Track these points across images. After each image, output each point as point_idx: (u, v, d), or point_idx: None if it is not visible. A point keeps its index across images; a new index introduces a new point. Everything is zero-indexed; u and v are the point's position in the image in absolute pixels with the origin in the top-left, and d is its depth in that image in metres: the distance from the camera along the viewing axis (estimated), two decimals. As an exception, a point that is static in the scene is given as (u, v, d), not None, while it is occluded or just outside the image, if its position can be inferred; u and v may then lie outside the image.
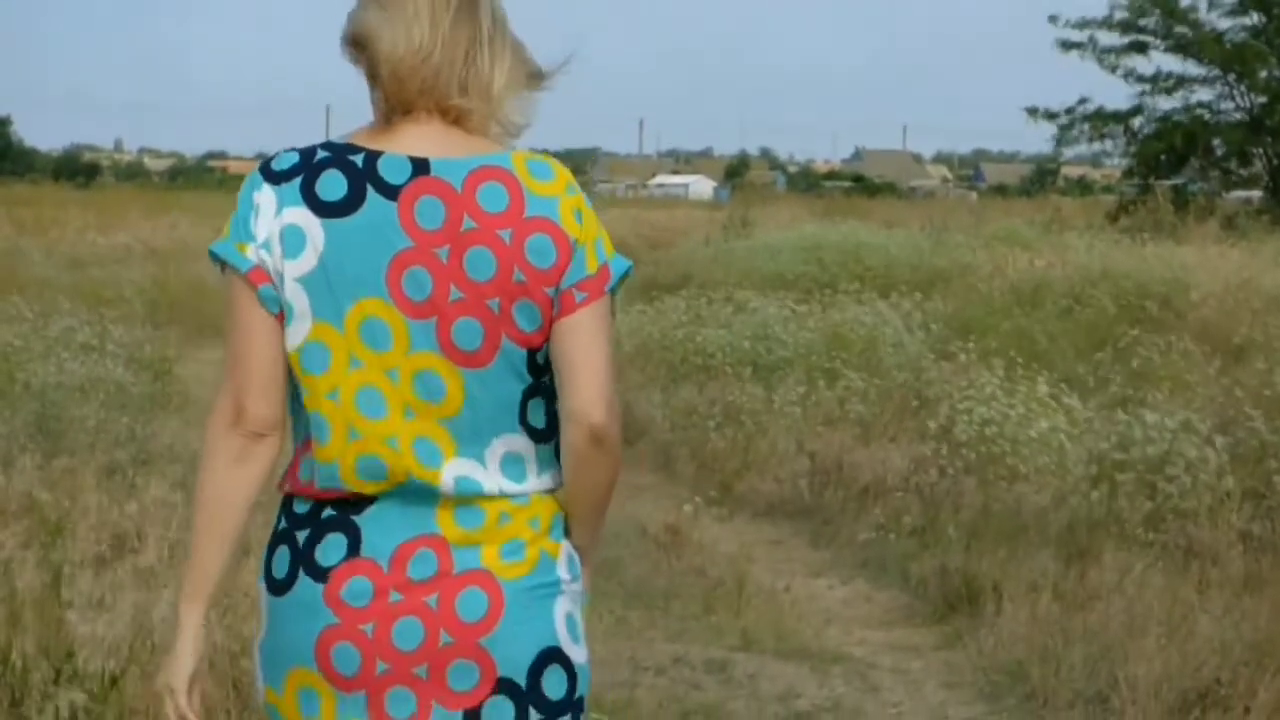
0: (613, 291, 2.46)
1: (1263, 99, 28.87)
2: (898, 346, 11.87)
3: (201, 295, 19.85)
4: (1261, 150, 29.45)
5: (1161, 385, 9.44)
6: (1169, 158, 29.48)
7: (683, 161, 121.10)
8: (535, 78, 2.54)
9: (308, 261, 2.39)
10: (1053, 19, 29.58)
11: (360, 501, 2.43)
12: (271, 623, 2.49)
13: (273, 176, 2.43)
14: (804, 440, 9.67)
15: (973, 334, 11.20)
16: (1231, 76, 29.03)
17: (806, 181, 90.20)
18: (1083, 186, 69.56)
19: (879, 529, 8.11)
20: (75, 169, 76.36)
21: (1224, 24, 29.29)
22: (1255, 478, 7.44)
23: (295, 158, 2.44)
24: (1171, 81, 29.46)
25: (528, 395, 2.46)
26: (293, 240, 2.39)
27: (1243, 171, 30.44)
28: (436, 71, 2.42)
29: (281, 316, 2.41)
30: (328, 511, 2.45)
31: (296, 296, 2.39)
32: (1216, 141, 29.69)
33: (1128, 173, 33.09)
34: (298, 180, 2.41)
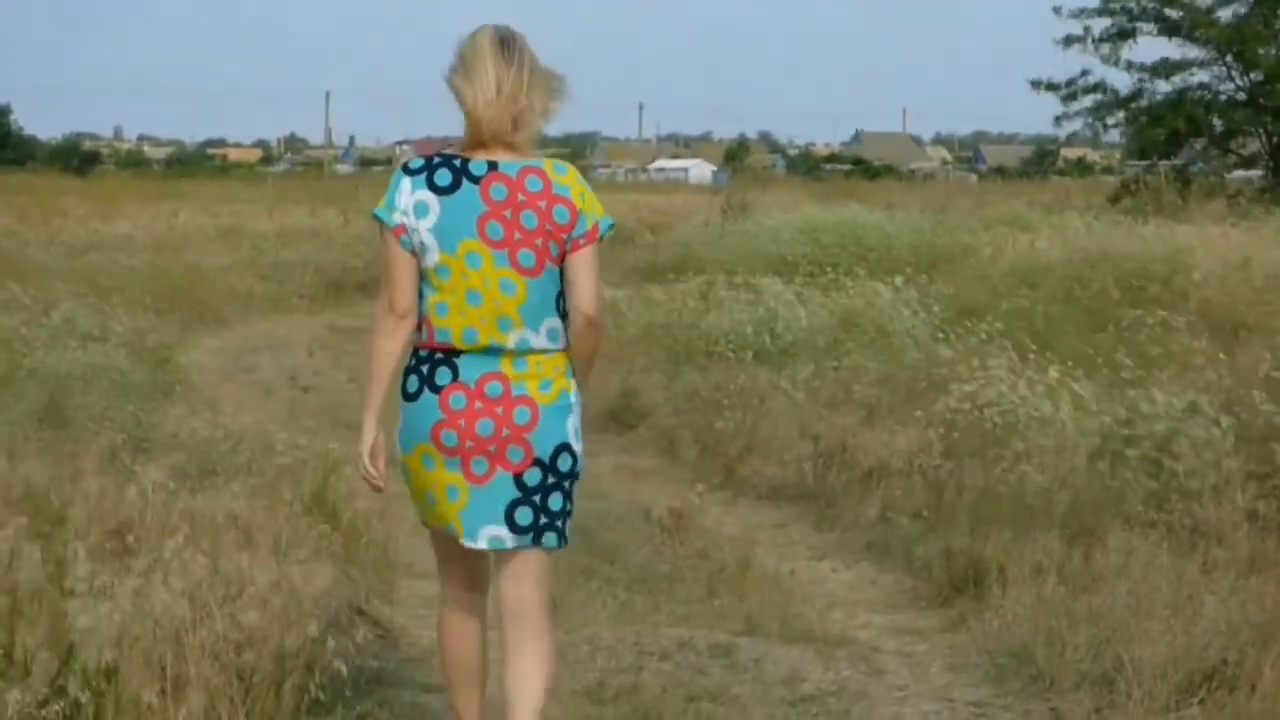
0: (601, 238, 4.37)
1: (1260, 78, 28.77)
2: (901, 329, 11.84)
3: (202, 283, 19.86)
4: (1261, 129, 29.36)
5: (1164, 365, 9.41)
6: (1169, 139, 29.36)
7: (682, 146, 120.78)
8: (557, 95, 4.39)
9: (432, 220, 4.28)
10: (1056, 10, 29.49)
11: (458, 352, 4.30)
12: (406, 418, 4.35)
13: (409, 172, 4.34)
14: (808, 423, 9.65)
15: (975, 315, 11.17)
16: (1229, 57, 28.92)
17: (806, 165, 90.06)
18: (1082, 168, 69.45)
19: (883, 512, 8.10)
20: (75, 157, 76.17)
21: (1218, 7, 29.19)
22: (1260, 458, 7.42)
23: (421, 162, 4.35)
24: (1170, 66, 29.35)
25: (559, 294, 4.34)
26: (422, 209, 4.29)
27: (1242, 151, 30.36)
28: (500, 120, 4.28)
29: (413, 253, 4.28)
30: (438, 356, 4.32)
31: (429, 240, 4.28)
32: (1216, 121, 29.60)
33: (1128, 154, 32.97)
34: (423, 175, 4.32)
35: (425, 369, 4.32)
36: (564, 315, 4.35)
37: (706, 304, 13.48)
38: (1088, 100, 29.94)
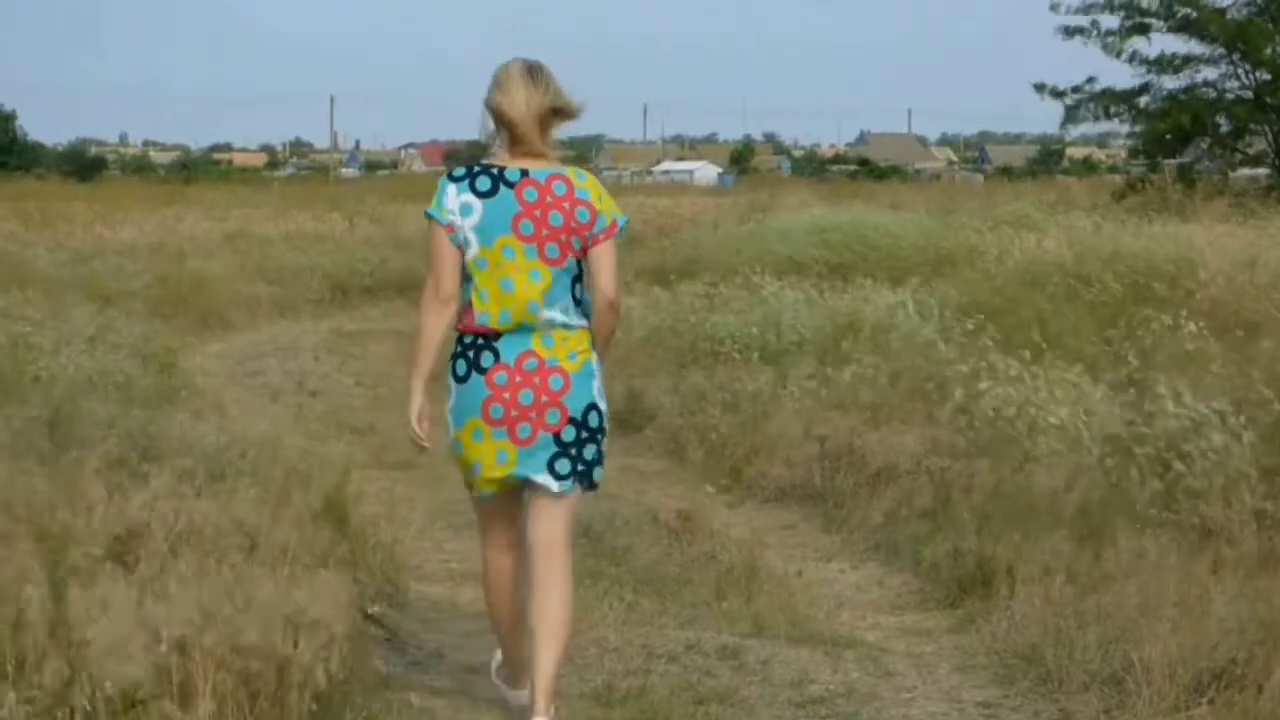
0: (619, 234, 5.13)
1: (1267, 76, 28.73)
2: (908, 330, 11.83)
3: (207, 288, 19.86)
4: (1266, 128, 29.32)
5: (1172, 364, 9.39)
6: (1174, 137, 29.32)
7: (688, 147, 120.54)
8: (571, 111, 5.18)
9: (475, 219, 5.06)
10: (1054, 6, 29.44)
11: (496, 335, 5.06)
12: (457, 398, 5.11)
13: (454, 179, 5.14)
14: (814, 424, 9.64)
15: (982, 316, 11.16)
16: (1236, 55, 28.89)
17: (812, 166, 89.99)
18: (1088, 166, 69.35)
19: (891, 513, 8.09)
20: (80, 163, 76.17)
21: (1225, 1, 29.15)
22: (1269, 456, 7.40)
23: (464, 170, 5.15)
24: (1177, 61, 29.31)
25: (576, 280, 5.12)
26: (467, 210, 5.07)
27: (1248, 150, 30.31)
28: (528, 131, 5.07)
29: (459, 248, 5.05)
30: (480, 341, 5.08)
31: (472, 237, 5.06)
32: (1221, 119, 29.56)
33: (1133, 152, 32.92)
34: (466, 181, 5.10)
35: (471, 354, 5.10)
36: (577, 299, 5.14)
37: (713, 305, 13.46)
38: (1093, 105, 29.89)
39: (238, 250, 24.14)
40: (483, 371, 5.07)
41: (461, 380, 5.11)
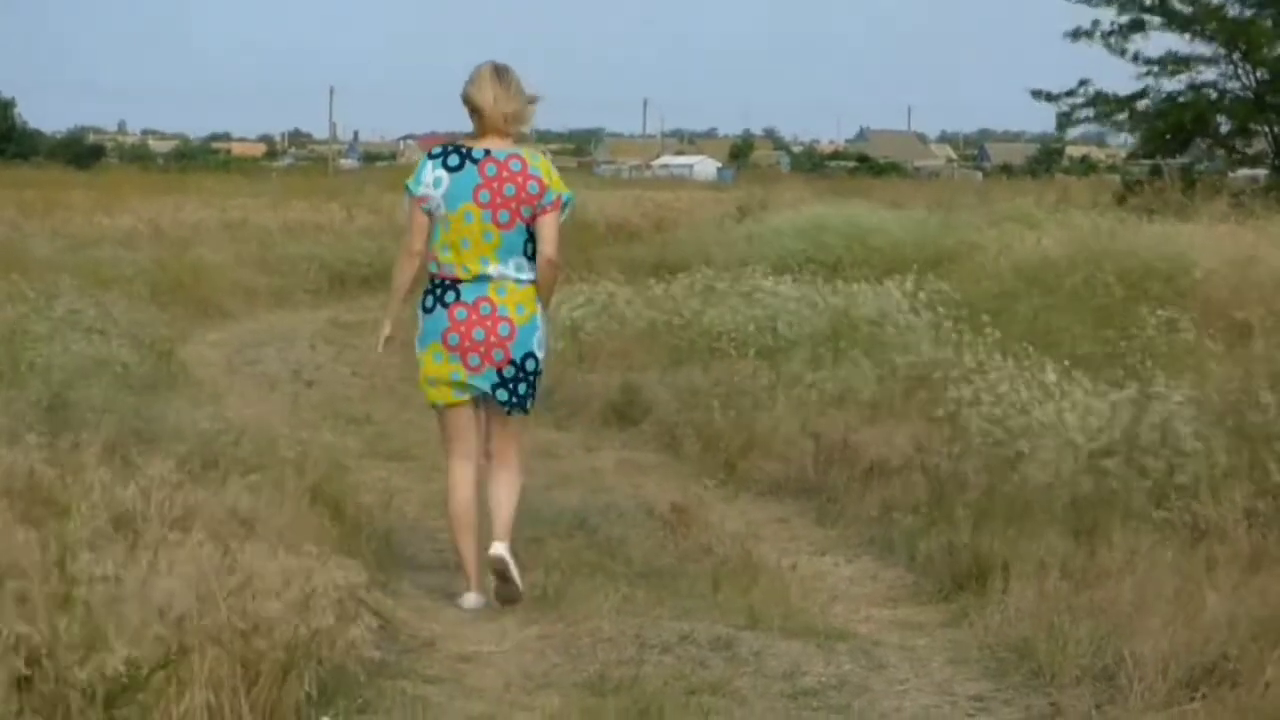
0: (563, 208, 6.52)
1: (1266, 76, 28.70)
2: (905, 327, 11.82)
3: (205, 277, 19.86)
4: (1266, 128, 29.29)
5: (1168, 364, 9.39)
6: (1174, 137, 29.30)
7: (687, 142, 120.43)
8: (531, 102, 6.58)
9: (444, 189, 6.44)
10: None
11: (460, 281, 6.44)
12: (424, 326, 6.51)
13: (431, 157, 6.52)
14: (809, 419, 9.63)
15: (979, 313, 11.14)
16: (1236, 55, 28.86)
17: (811, 162, 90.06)
18: (1087, 166, 69.35)
19: (885, 507, 8.09)
20: (79, 151, 76.10)
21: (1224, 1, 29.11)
22: (1262, 455, 7.40)
23: (440, 149, 6.53)
24: (1177, 63, 29.24)
25: (527, 241, 6.47)
26: (438, 182, 6.45)
27: (1247, 150, 30.28)
28: (496, 118, 6.48)
29: (430, 215, 6.46)
30: (446, 283, 6.46)
31: (441, 203, 6.43)
32: (1221, 119, 29.53)
33: (1133, 153, 32.91)
34: (440, 158, 6.49)
35: (438, 292, 6.48)
36: (530, 257, 6.49)
37: (709, 301, 13.44)
38: (1089, 111, 29.88)
39: (236, 239, 24.09)
40: (446, 306, 6.45)
41: (428, 311, 6.51)
